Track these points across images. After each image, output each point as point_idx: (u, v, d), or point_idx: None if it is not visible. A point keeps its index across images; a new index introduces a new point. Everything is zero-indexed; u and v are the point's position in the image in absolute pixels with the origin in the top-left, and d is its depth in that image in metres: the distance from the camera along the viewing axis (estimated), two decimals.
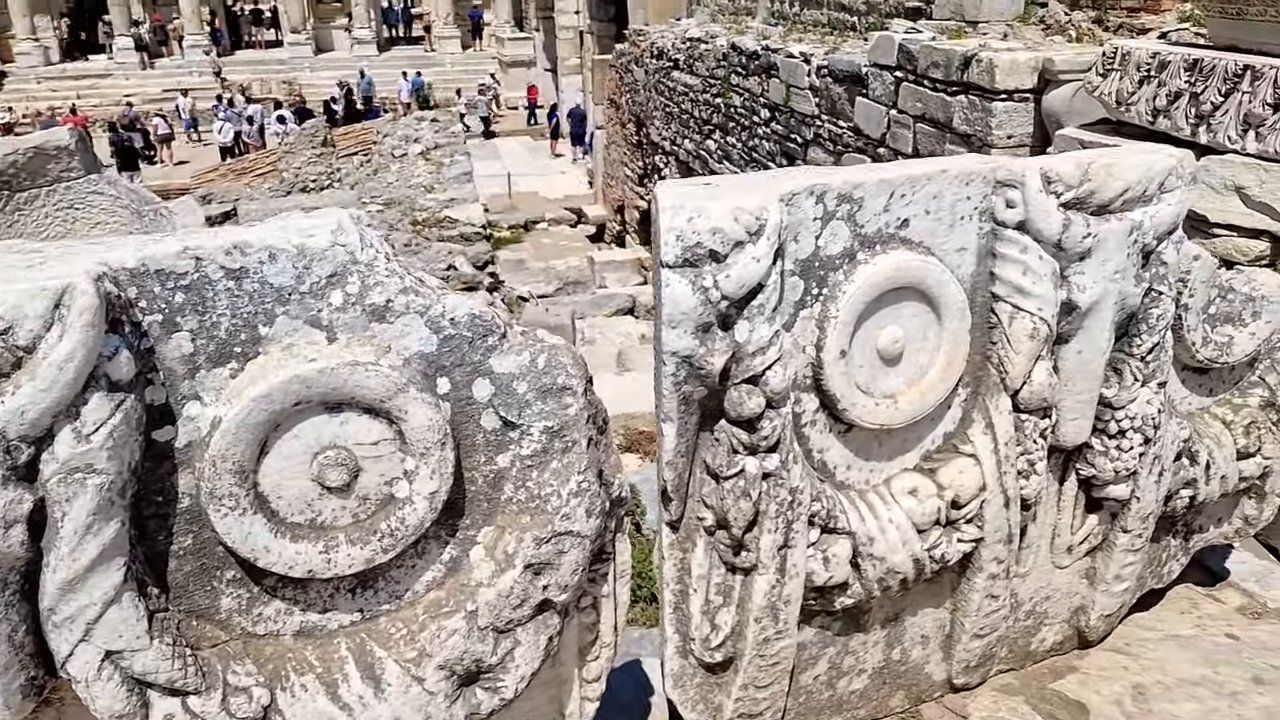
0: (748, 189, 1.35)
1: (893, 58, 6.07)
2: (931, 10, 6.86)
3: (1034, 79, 4.98)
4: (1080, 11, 5.61)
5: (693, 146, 10.58)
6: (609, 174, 15.56)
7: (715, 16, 11.74)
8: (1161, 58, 4.09)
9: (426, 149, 9.70)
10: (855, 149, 6.73)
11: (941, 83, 5.52)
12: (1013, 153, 5.15)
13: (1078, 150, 4.47)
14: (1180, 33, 4.70)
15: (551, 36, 24.06)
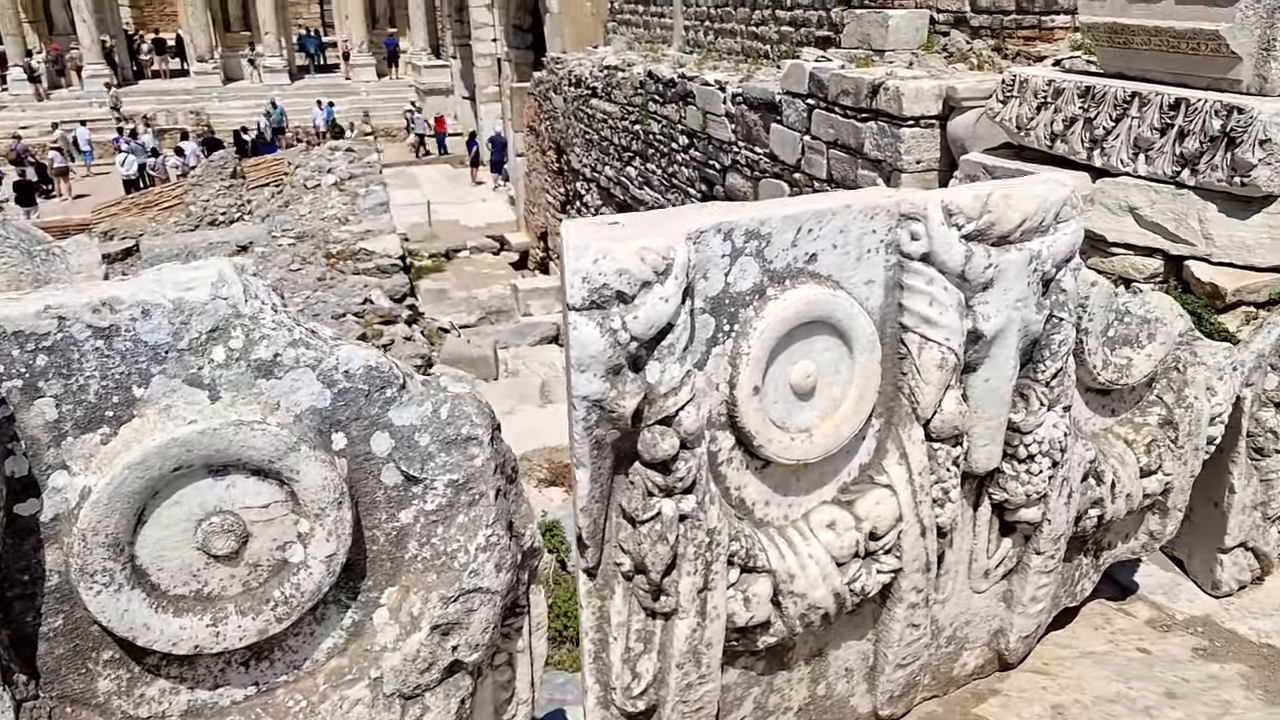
0: (654, 228, 1.33)
1: (804, 86, 6.20)
2: (840, 39, 7.04)
3: (939, 106, 5.14)
4: (980, 40, 5.83)
5: (613, 173, 10.62)
6: (531, 201, 15.51)
7: (632, 44, 11.85)
8: (1056, 85, 4.26)
9: (340, 180, 9.50)
10: (772, 174, 6.83)
11: (852, 110, 5.65)
12: (921, 177, 5.31)
13: (982, 176, 4.63)
14: (1073, 60, 4.91)
15: (469, 64, 23.99)
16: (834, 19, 7.27)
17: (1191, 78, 3.75)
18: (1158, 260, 3.77)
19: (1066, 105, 4.19)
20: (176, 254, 7.45)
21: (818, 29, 7.60)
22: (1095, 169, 4.08)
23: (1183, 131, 3.64)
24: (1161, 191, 3.74)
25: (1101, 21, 4.10)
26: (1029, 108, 4.44)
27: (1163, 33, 3.80)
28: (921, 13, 6.29)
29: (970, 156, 4.80)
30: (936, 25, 6.26)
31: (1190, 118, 3.61)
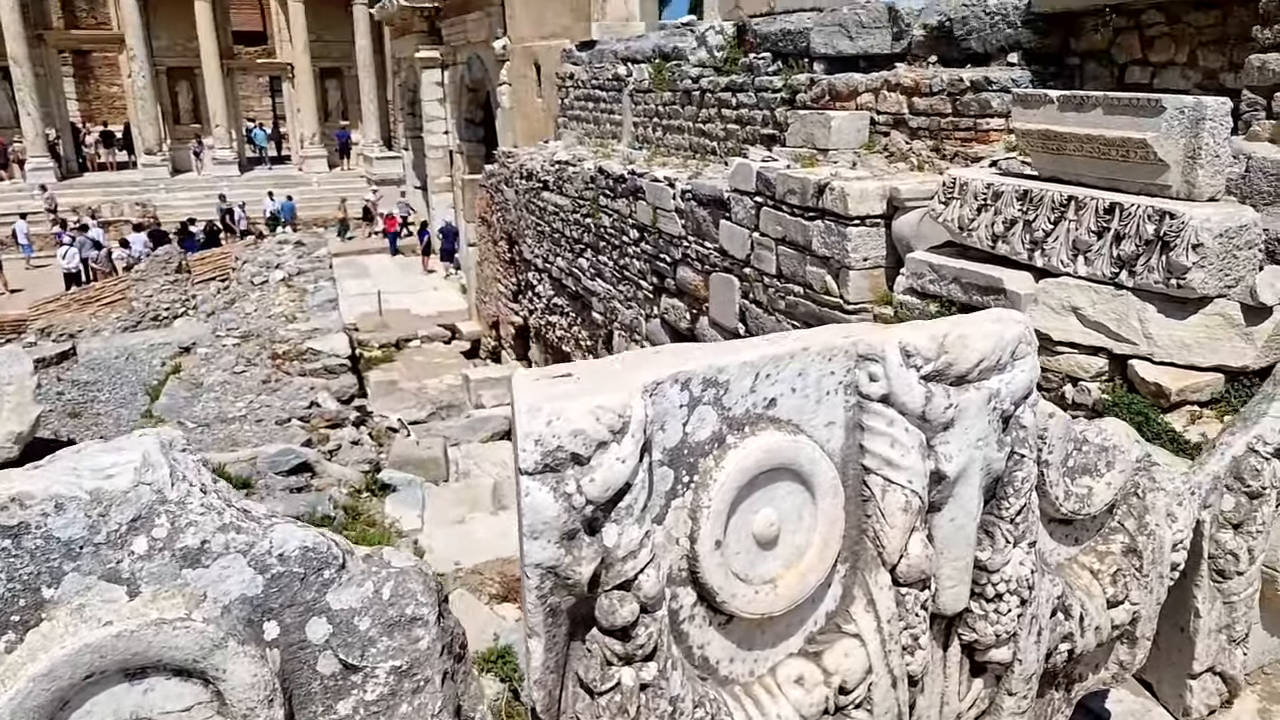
0: (609, 380, 1.29)
1: (752, 184, 6.34)
2: (785, 138, 7.25)
3: (883, 205, 5.27)
4: (919, 141, 6.04)
5: (565, 264, 10.69)
6: (483, 290, 15.52)
7: (582, 140, 12.09)
8: (995, 188, 4.40)
9: (289, 275, 9.40)
10: (722, 269, 6.92)
11: (799, 208, 5.77)
12: (869, 274, 5.41)
13: (928, 274, 4.72)
14: (1009, 161, 5.09)
15: (421, 156, 24.26)
16: (778, 118, 7.50)
17: (1123, 182, 3.90)
18: (1102, 359, 3.84)
19: (1006, 208, 4.32)
20: (116, 356, 7.24)
21: (763, 127, 7.83)
22: (1037, 269, 4.19)
23: (1118, 235, 3.76)
24: (1102, 292, 3.84)
25: (1035, 129, 4.27)
26: (970, 209, 4.57)
27: (1094, 140, 3.96)
28: (862, 114, 6.52)
29: (916, 255, 4.91)
30: (877, 126, 6.48)
31: (1125, 222, 3.73)
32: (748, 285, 6.57)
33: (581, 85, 12.04)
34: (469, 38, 18.35)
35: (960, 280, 4.57)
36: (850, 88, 6.68)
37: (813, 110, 6.94)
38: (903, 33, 6.42)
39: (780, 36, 7.62)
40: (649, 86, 9.86)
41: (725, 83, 8.35)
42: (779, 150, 7.14)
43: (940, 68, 6.03)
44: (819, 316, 5.68)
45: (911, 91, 6.09)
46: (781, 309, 6.14)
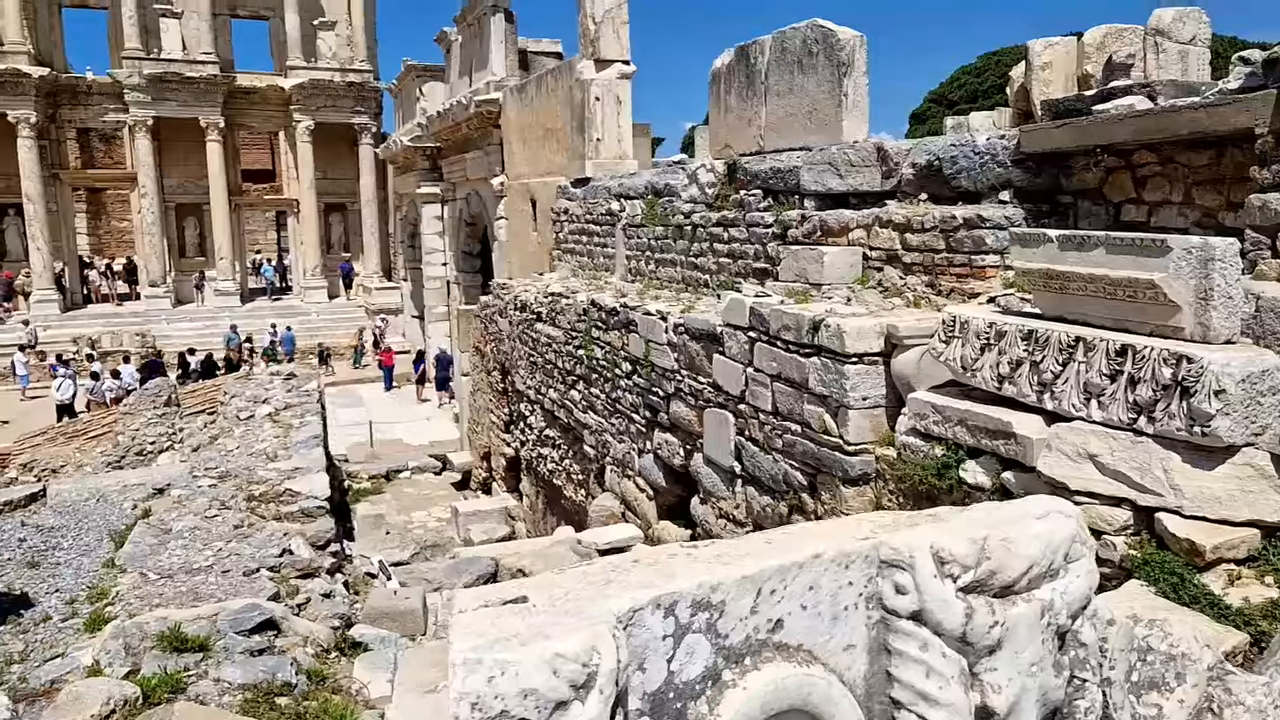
0: (572, 609, 1.03)
1: (745, 319, 6.22)
2: (778, 272, 7.20)
3: (881, 343, 5.11)
4: (913, 276, 5.95)
5: (557, 396, 10.51)
6: (475, 420, 15.29)
7: (576, 272, 12.15)
8: (998, 327, 4.24)
9: (276, 410, 9.19)
10: (716, 404, 6.71)
11: (794, 345, 5.62)
12: (869, 414, 5.19)
13: (931, 415, 4.50)
14: (1009, 298, 4.96)
15: (420, 286, 24.56)
16: (770, 253, 7.47)
17: (1133, 323, 3.74)
18: (1126, 511, 3.57)
19: (1010, 348, 4.14)
20: (86, 498, 6.92)
21: (755, 261, 7.80)
22: (1048, 412, 3.98)
23: (1133, 379, 3.57)
24: (1120, 438, 3.61)
25: (1035, 267, 4.15)
26: (972, 349, 4.40)
27: (1098, 280, 3.82)
28: (855, 250, 6.47)
29: (918, 395, 4.71)
30: (870, 261, 6.42)
31: (1139, 365, 3.55)
32: (743, 422, 6.34)
33: (576, 220, 12.19)
34: (468, 175, 18.85)
35: (966, 423, 4.35)
36: (841, 224, 6.66)
37: (804, 245, 6.91)
38: (892, 171, 6.45)
39: (770, 174, 7.69)
40: (641, 221, 9.95)
41: (717, 218, 8.39)
42: (772, 285, 7.07)
43: (931, 205, 6.01)
44: (817, 456, 5.44)
45: (904, 228, 6.05)
46: (778, 447, 5.90)
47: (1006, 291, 5.13)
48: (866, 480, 5.15)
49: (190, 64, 30.41)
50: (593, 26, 12.22)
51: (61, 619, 4.79)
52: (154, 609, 4.71)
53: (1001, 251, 5.35)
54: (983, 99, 37.77)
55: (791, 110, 7.86)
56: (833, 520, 1.49)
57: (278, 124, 33.37)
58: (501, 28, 16.55)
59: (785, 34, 7.83)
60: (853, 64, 7.08)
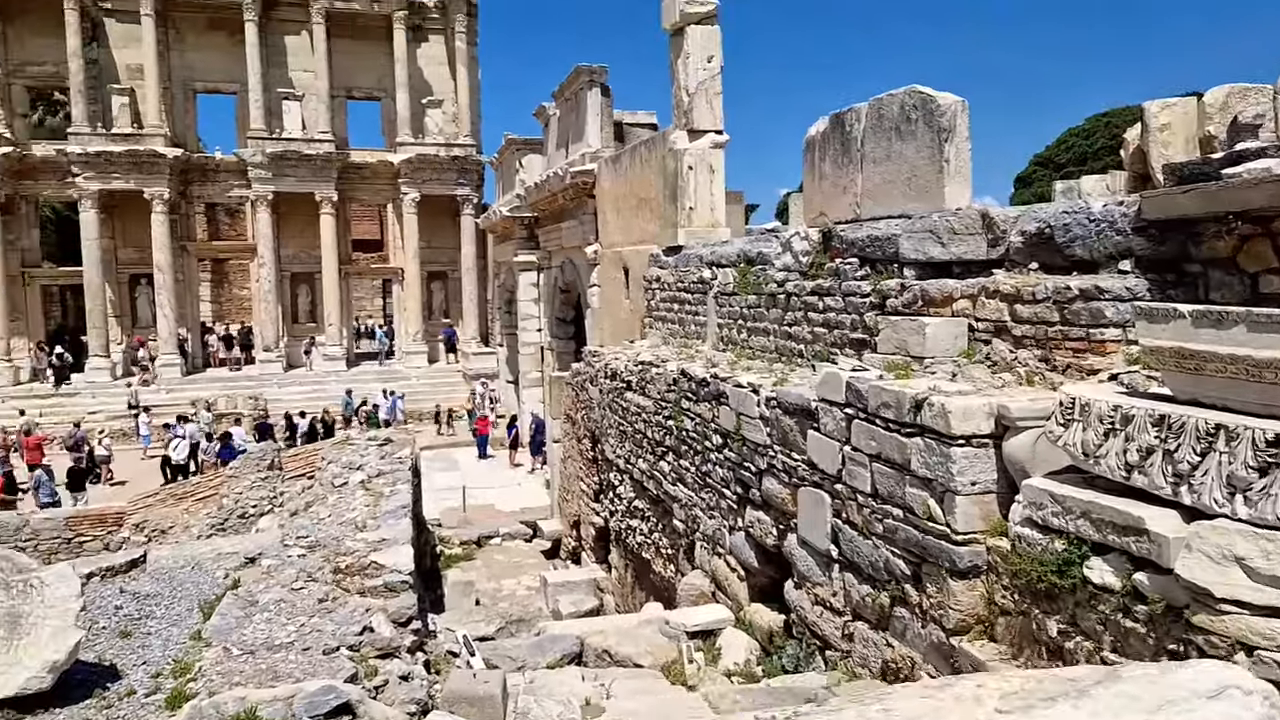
0: None
1: (841, 395, 5.93)
2: (876, 344, 6.88)
3: (991, 424, 4.75)
4: (1025, 350, 5.56)
5: (646, 466, 10.31)
6: (565, 488, 15.21)
7: (667, 340, 12.04)
8: (1124, 411, 3.86)
9: (369, 477, 9.28)
10: (811, 483, 6.39)
11: (895, 423, 5.29)
12: (978, 500, 4.81)
13: (1049, 505, 4.10)
14: (1133, 376, 4.55)
15: (515, 352, 24.95)
16: (868, 323, 7.17)
17: None
18: None
19: (1139, 434, 3.75)
20: (183, 565, 7.06)
21: (852, 332, 7.50)
22: (1185, 507, 3.56)
23: None
24: (1275, 540, 3.17)
25: (1165, 345, 3.77)
26: (1095, 433, 4.02)
27: (1240, 360, 3.43)
28: (959, 321, 6.12)
29: (1034, 483, 4.32)
30: (976, 333, 6.06)
31: None
32: (840, 503, 6.00)
33: (668, 288, 12.13)
34: (563, 243, 19.16)
35: (1090, 516, 3.94)
36: (944, 293, 6.33)
37: (904, 316, 6.60)
38: (998, 239, 6.12)
39: (867, 242, 7.43)
40: (734, 289, 9.78)
41: (811, 287, 8.15)
42: (869, 357, 6.76)
43: (1043, 274, 5.64)
44: (922, 545, 5.05)
45: (1013, 299, 5.69)
46: (879, 532, 5.53)
47: (1130, 369, 4.71)
48: (977, 573, 4.74)
49: (308, 142, 32.28)
50: (686, 98, 12.31)
51: (145, 694, 4.80)
52: (234, 686, 4.67)
53: (1123, 325, 4.95)
54: (1092, 161, 36.57)
55: (889, 177, 7.62)
56: (939, 687, 1.23)
57: (386, 196, 34.96)
58: (598, 101, 16.92)
59: (882, 101, 7.64)
60: (954, 129, 6.83)
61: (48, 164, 31.30)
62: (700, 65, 12.14)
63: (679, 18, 12.03)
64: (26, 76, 32.28)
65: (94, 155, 30.34)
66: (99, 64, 31.99)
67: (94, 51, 31.84)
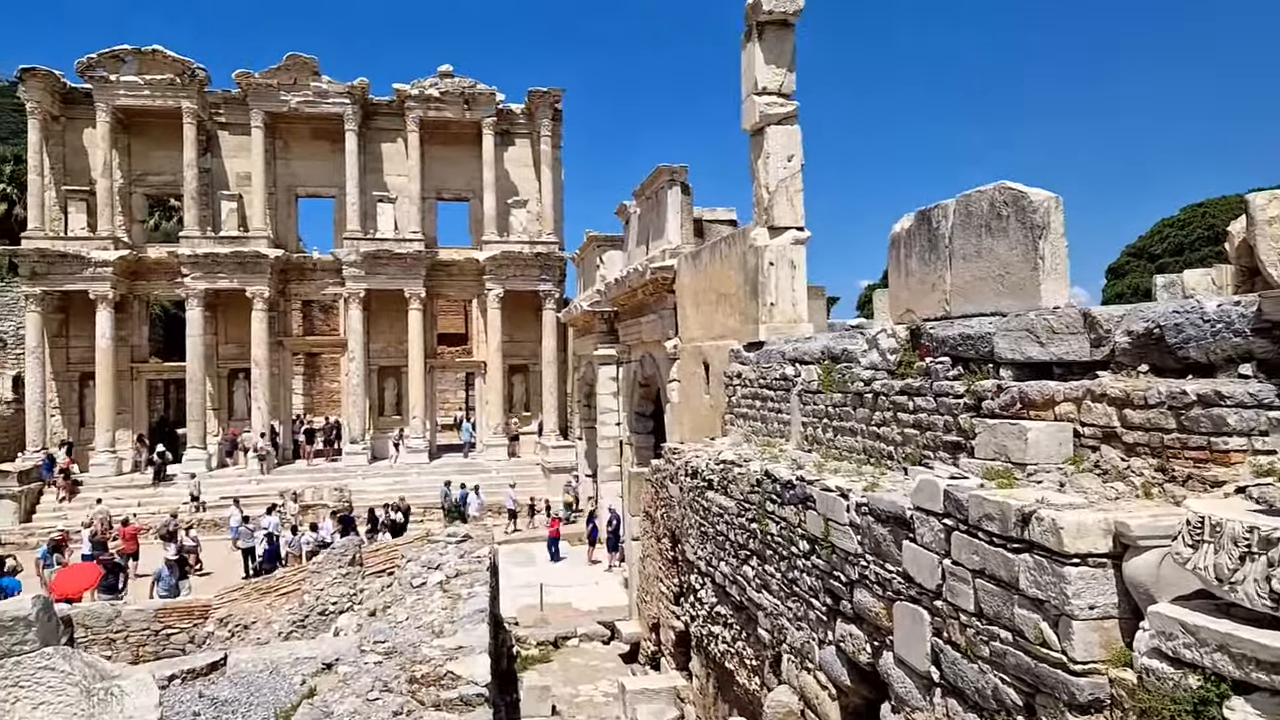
0: None
1: (939, 503, 5.61)
2: (973, 448, 6.55)
3: (1108, 542, 4.39)
4: (1139, 459, 5.18)
5: (729, 570, 9.97)
6: (644, 589, 14.83)
7: (749, 437, 11.79)
8: (1264, 533, 3.50)
9: (447, 577, 9.18)
10: (908, 598, 6.01)
11: (999, 538, 4.95)
12: (1098, 625, 4.40)
13: (1180, 636, 3.71)
14: (1262, 489, 4.17)
15: (594, 445, 24.90)
16: (962, 425, 6.85)
17: None
18: None
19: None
20: (261, 669, 7.01)
21: (945, 434, 7.17)
22: None
23: None
24: None
25: None
26: (1229, 557, 3.65)
27: None
28: (1063, 426, 5.77)
29: (1161, 609, 3.94)
30: (1082, 439, 5.70)
31: None
32: (940, 621, 5.61)
33: (749, 384, 11.96)
34: (643, 337, 19.26)
35: (1229, 649, 3.55)
36: (1046, 396, 6.00)
37: (1003, 420, 6.27)
38: (1102, 339, 5.80)
39: (959, 341, 7.17)
40: (818, 387, 9.55)
41: (900, 386, 7.88)
42: (967, 462, 6.43)
43: (1153, 377, 5.30)
44: (1035, 673, 4.64)
45: (1122, 403, 5.34)
46: (985, 656, 5.12)
47: (1262, 481, 4.32)
48: (1099, 708, 4.30)
49: (399, 242, 33.68)
50: (766, 195, 12.38)
51: None
52: None
53: (1248, 433, 4.57)
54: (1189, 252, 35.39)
55: (980, 274, 7.40)
56: None
57: (471, 292, 36.00)
58: (678, 199, 17.20)
59: (970, 197, 7.49)
60: (1048, 226, 6.61)
61: (160, 265, 33.35)
62: (780, 164, 12.23)
63: (759, 119, 12.21)
64: (146, 185, 34.79)
65: (202, 256, 32.22)
66: (211, 172, 34.30)
67: (207, 161, 34.20)
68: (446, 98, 34.18)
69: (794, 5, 11.93)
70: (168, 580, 18.38)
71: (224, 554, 24.47)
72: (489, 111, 34.56)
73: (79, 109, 33.24)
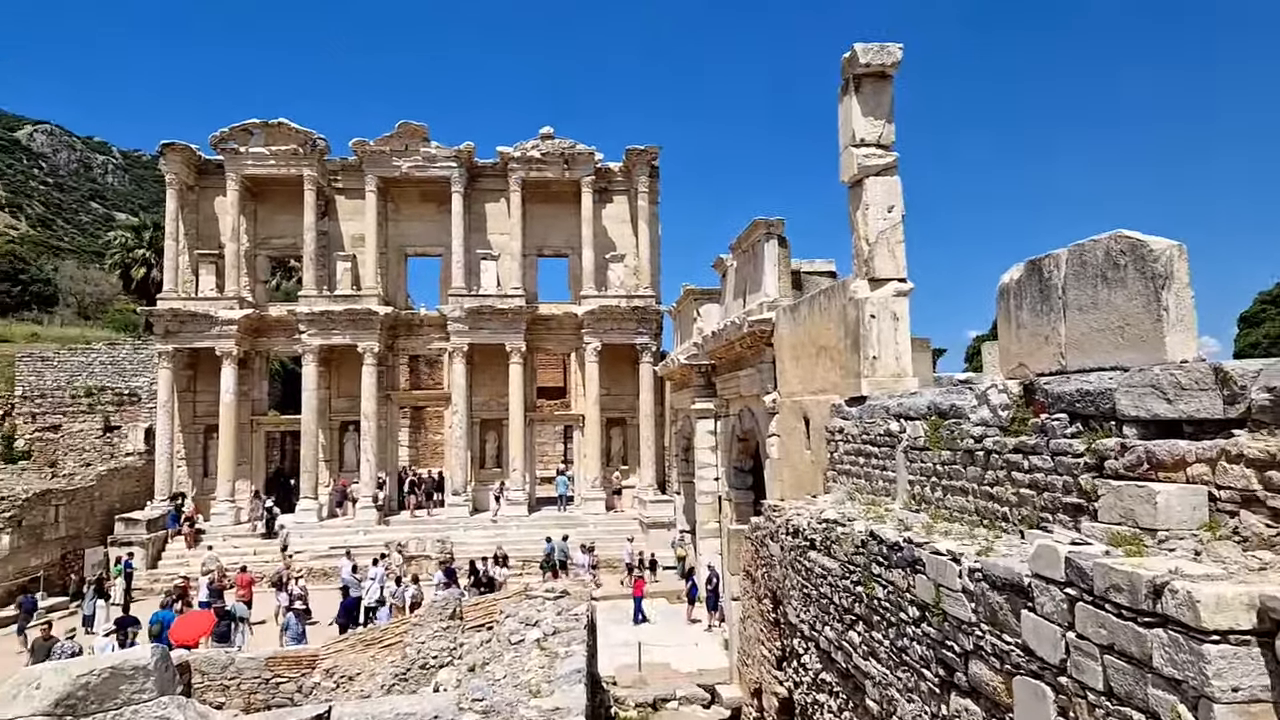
0: None
1: (1060, 572, 5.27)
2: (1095, 510, 6.15)
3: (1253, 618, 4.02)
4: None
5: (834, 635, 9.60)
6: (745, 651, 14.44)
7: (852, 495, 11.44)
8: None
9: (545, 634, 9.15)
10: (1029, 672, 5.64)
11: (1129, 610, 4.60)
12: (1244, 709, 4.01)
13: None
14: None
15: (692, 500, 24.65)
16: (1083, 486, 6.45)
17: None
18: None
19: None
20: None
21: (1064, 495, 6.77)
22: None
23: None
24: None
25: None
26: None
27: None
28: (1197, 489, 5.37)
29: None
30: (1218, 503, 5.28)
31: None
32: (1065, 699, 5.22)
33: (851, 440, 11.64)
34: (741, 391, 19.08)
35: None
36: (1175, 457, 5.60)
37: (1129, 481, 5.88)
38: (1237, 396, 5.39)
39: (1077, 397, 6.80)
40: (925, 444, 9.21)
41: (1014, 444, 7.51)
42: (1089, 526, 6.04)
43: None
44: None
45: (1263, 464, 4.94)
46: None
47: None
48: None
49: (501, 297, 34.62)
50: (866, 247, 12.19)
51: None
52: None
53: None
54: None
55: (1097, 326, 7.04)
56: None
57: (570, 346, 36.57)
58: (775, 252, 17.13)
59: (1084, 246, 7.17)
60: (1171, 275, 6.25)
61: (279, 322, 35.18)
62: (880, 215, 12.04)
63: (857, 170, 12.09)
64: (269, 248, 36.95)
65: (318, 314, 33.84)
66: (328, 234, 36.19)
67: (325, 224, 36.13)
68: (547, 158, 35.26)
69: (891, 58, 11.85)
70: (295, 629, 18.90)
71: (332, 604, 25.13)
72: (588, 170, 35.43)
73: (211, 179, 35.76)
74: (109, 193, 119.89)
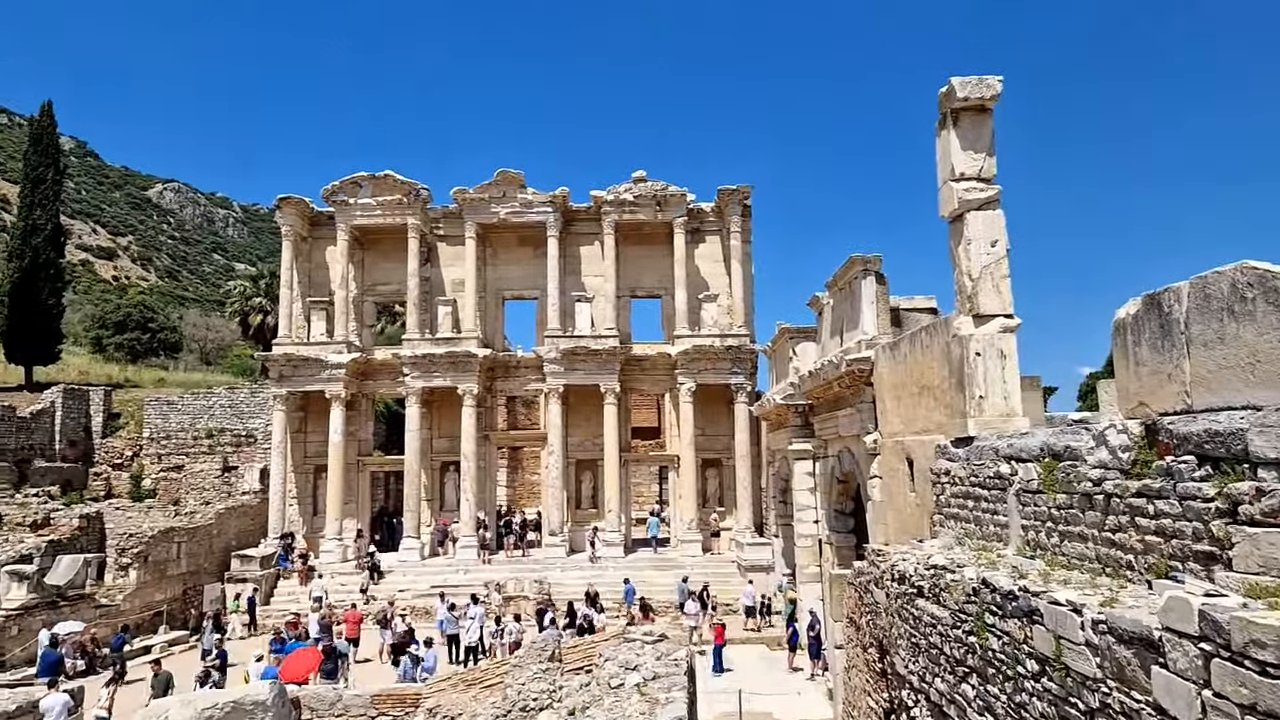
0: None
1: (1193, 625, 4.94)
2: (1230, 559, 5.75)
3: None
4: None
5: (945, 688, 9.20)
6: (850, 702, 13.96)
7: (961, 540, 11.02)
8: None
9: (645, 679, 9.07)
10: None
11: (1274, 668, 4.27)
12: None
13: None
14: None
15: (791, 543, 24.18)
16: (1215, 533, 6.04)
17: None
18: None
19: None
20: None
21: (1194, 542, 6.35)
22: None
23: None
24: None
25: None
26: None
27: None
28: None
29: None
30: None
31: None
32: None
33: (958, 482, 11.24)
34: (840, 432, 18.70)
35: None
36: None
37: (1269, 527, 5.48)
38: None
39: (1205, 437, 6.40)
40: (1038, 487, 8.81)
41: (1136, 487, 7.11)
42: (1223, 576, 5.65)
43: None
44: None
45: None
46: None
47: None
48: None
49: (596, 339, 35.05)
50: (969, 282, 11.86)
51: None
52: None
53: None
54: None
55: (1224, 363, 6.64)
56: None
57: (664, 386, 36.65)
58: (873, 289, 16.85)
59: (1207, 279, 6.81)
60: None
61: (384, 366, 36.49)
62: (983, 250, 11.72)
63: (958, 205, 11.83)
64: (375, 294, 38.51)
65: (420, 357, 34.95)
66: (430, 280, 37.48)
67: (427, 270, 37.45)
68: (640, 201, 35.76)
69: (990, 91, 11.61)
70: (411, 673, 18.99)
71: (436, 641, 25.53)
72: (680, 212, 35.74)
73: (322, 229, 37.63)
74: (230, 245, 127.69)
